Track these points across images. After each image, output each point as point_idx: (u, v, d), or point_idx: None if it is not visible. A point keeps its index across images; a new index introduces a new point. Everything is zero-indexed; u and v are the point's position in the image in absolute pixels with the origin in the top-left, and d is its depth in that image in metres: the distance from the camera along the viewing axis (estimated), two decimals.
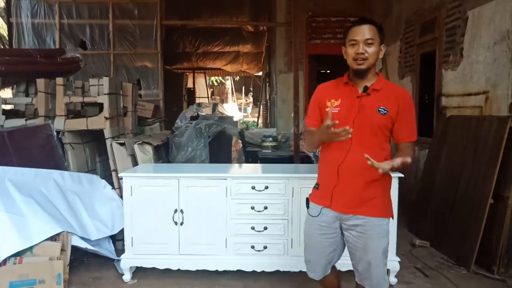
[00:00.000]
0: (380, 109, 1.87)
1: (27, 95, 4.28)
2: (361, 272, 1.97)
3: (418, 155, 4.72)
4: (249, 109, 19.25)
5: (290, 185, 2.92)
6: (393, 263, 2.92)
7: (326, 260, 2.05)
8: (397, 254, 2.94)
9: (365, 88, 1.90)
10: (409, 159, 1.77)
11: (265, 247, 2.95)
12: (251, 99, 19.43)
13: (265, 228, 2.94)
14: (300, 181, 2.93)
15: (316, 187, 2.06)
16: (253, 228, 2.94)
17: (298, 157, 4.31)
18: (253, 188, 2.93)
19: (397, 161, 1.76)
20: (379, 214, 1.91)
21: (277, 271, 2.95)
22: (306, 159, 4.49)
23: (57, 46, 6.05)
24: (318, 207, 2.00)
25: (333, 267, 2.13)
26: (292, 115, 4.62)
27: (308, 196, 2.10)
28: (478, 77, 3.64)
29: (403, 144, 1.92)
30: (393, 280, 2.94)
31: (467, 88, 3.81)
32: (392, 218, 2.00)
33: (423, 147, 4.50)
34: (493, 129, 3.18)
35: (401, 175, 2.90)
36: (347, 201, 1.91)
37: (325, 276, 2.11)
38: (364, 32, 1.87)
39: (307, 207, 2.07)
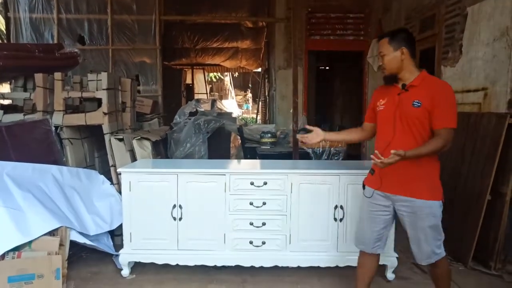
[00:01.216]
0: (414, 102, 2.16)
1: (25, 90, 4.27)
2: (412, 246, 2.27)
3: None
4: (249, 105, 19.21)
5: (288, 181, 2.92)
6: (391, 259, 2.94)
7: (376, 235, 2.35)
8: (395, 250, 2.96)
9: (403, 86, 2.23)
10: (415, 150, 2.07)
11: (264, 243, 2.96)
12: (250, 95, 19.40)
13: (264, 224, 2.95)
14: (298, 177, 2.93)
15: (371, 172, 2.37)
16: (251, 223, 2.95)
17: (297, 153, 4.31)
18: (252, 184, 2.93)
19: (397, 152, 2.02)
20: (424, 197, 2.15)
21: (276, 267, 2.96)
22: (305, 155, 4.49)
23: (55, 41, 6.02)
24: (371, 189, 2.34)
25: (377, 255, 2.43)
26: (291, 111, 4.62)
27: (363, 180, 2.43)
28: (477, 73, 3.64)
29: (435, 130, 2.14)
30: (390, 276, 2.96)
31: (466, 84, 3.81)
32: (441, 200, 2.21)
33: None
34: (491, 126, 3.18)
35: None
36: (393, 183, 2.21)
37: (367, 255, 2.41)
38: (378, 48, 2.34)
39: (363, 189, 2.41)
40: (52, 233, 2.79)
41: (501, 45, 3.30)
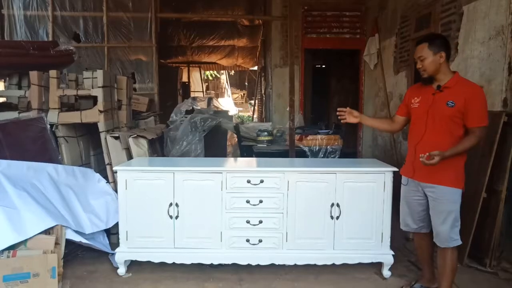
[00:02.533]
0: (448, 102, 2.41)
1: (19, 88, 4.23)
2: (433, 229, 2.54)
3: None
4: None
5: (285, 179, 2.92)
6: (387, 256, 2.95)
7: (417, 217, 2.65)
8: (391, 247, 2.97)
9: (438, 87, 2.48)
10: (452, 150, 2.36)
11: (260, 241, 2.96)
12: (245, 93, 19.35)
13: (260, 222, 2.95)
14: (295, 175, 2.93)
15: (404, 162, 2.72)
16: (248, 221, 2.95)
17: (293, 151, 4.31)
18: (249, 182, 2.93)
19: (433, 153, 2.30)
20: (448, 184, 2.44)
21: (272, 265, 2.97)
22: (301, 153, 4.50)
23: (50, 39, 5.97)
24: (405, 178, 2.68)
25: (429, 234, 2.64)
26: (288, 109, 4.62)
27: (400, 170, 2.75)
28: (472, 72, 3.65)
29: (469, 128, 2.41)
30: (386, 273, 2.97)
31: None
32: (461, 188, 2.47)
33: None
34: None
35: (395, 169, 2.92)
36: (423, 172, 2.50)
37: (418, 233, 2.71)
38: (417, 51, 2.51)
39: (401, 178, 2.73)
40: (47, 231, 2.77)
41: (496, 44, 3.31)
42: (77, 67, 5.52)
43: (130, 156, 3.70)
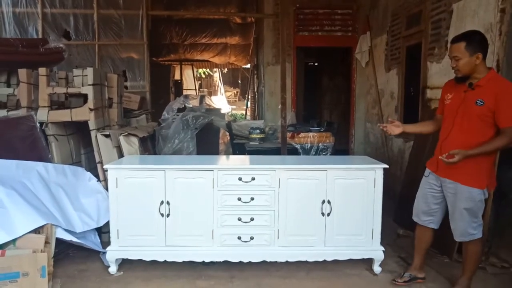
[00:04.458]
0: (478, 101, 2.38)
1: (8, 86, 4.18)
2: (450, 223, 2.60)
3: (403, 147, 4.79)
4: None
5: (276, 176, 2.93)
6: (378, 252, 2.97)
7: (428, 209, 2.71)
8: (382, 243, 2.99)
9: (470, 85, 2.44)
10: (477, 149, 2.36)
11: (252, 238, 2.96)
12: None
13: (252, 219, 2.95)
14: (286, 172, 2.94)
15: (433, 155, 2.72)
16: (239, 219, 2.95)
17: (285, 149, 4.32)
18: (240, 179, 2.93)
19: (454, 152, 2.35)
20: (467, 183, 2.46)
21: (264, 262, 2.98)
22: (293, 151, 4.51)
23: (40, 36, 5.91)
24: (428, 170, 2.72)
25: (434, 231, 2.76)
26: (280, 107, 4.62)
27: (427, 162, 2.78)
28: None
29: (500, 128, 2.36)
30: (377, 269, 3.00)
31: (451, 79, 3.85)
32: (482, 188, 2.47)
33: (408, 138, 4.56)
34: None
35: (386, 166, 2.94)
36: (446, 169, 2.52)
37: (421, 227, 2.78)
38: (452, 50, 2.45)
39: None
40: (37, 230, 2.75)
41: None
42: (68, 65, 5.46)
43: (121, 154, 3.68)
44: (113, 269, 2.97)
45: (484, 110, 2.36)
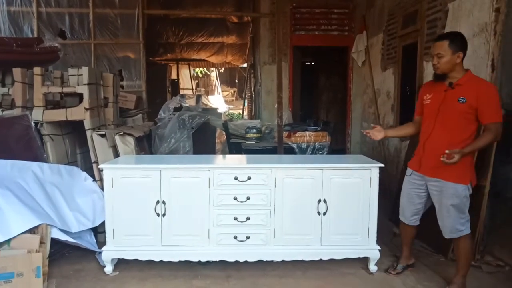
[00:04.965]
0: (460, 99, 2.48)
1: (3, 85, 4.13)
2: (438, 221, 2.66)
3: (400, 147, 4.80)
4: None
5: (272, 176, 2.93)
6: (374, 251, 2.98)
7: (414, 208, 2.80)
8: (378, 242, 3.00)
9: (450, 84, 2.55)
10: (470, 147, 2.45)
11: (248, 237, 2.96)
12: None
13: (248, 219, 2.95)
14: (282, 171, 2.94)
15: (413, 155, 2.81)
16: (235, 218, 2.95)
17: (281, 148, 4.32)
18: (236, 178, 2.92)
19: (453, 151, 2.39)
20: (453, 180, 2.53)
21: (260, 261, 2.98)
22: (289, 150, 4.51)
23: (35, 35, 5.87)
24: (410, 170, 2.80)
25: (417, 226, 2.88)
26: (276, 106, 4.62)
27: (408, 162, 2.85)
28: None
29: (484, 125, 2.48)
30: (373, 268, 3.01)
31: None
32: (468, 184, 2.56)
33: (404, 138, 4.57)
34: None
35: (382, 165, 2.95)
36: (430, 167, 2.61)
37: (407, 225, 2.89)
38: (436, 48, 2.55)
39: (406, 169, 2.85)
40: (32, 230, 2.74)
41: (480, 41, 3.35)
42: (63, 65, 5.43)
43: (116, 154, 3.67)
44: (108, 269, 2.96)
45: (466, 107, 2.47)
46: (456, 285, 2.67)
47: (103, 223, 3.18)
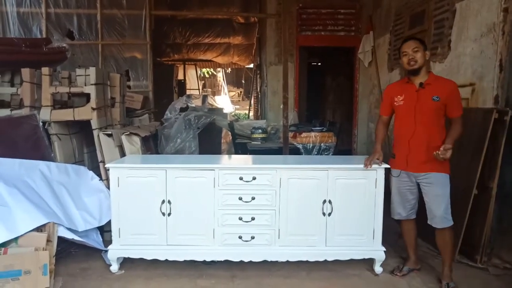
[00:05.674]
0: (434, 97, 2.67)
1: (12, 85, 4.19)
2: (428, 212, 2.76)
3: None
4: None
5: (277, 176, 2.93)
6: (379, 252, 2.97)
7: (408, 204, 2.89)
8: (383, 244, 2.98)
9: (421, 84, 2.73)
10: (451, 139, 2.62)
11: (253, 237, 2.97)
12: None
13: (253, 219, 2.95)
14: (288, 172, 2.94)
15: (393, 156, 2.91)
16: (240, 218, 2.95)
17: (287, 149, 4.32)
18: (241, 179, 2.93)
19: (446, 147, 2.54)
20: (440, 170, 2.70)
21: (265, 261, 2.98)
22: (295, 151, 4.51)
23: (44, 36, 5.93)
24: (397, 171, 2.87)
25: (414, 220, 2.95)
26: (282, 106, 4.62)
27: (389, 164, 2.92)
28: (465, 69, 3.67)
29: (453, 118, 2.71)
30: (378, 269, 2.99)
31: (454, 80, 3.81)
32: (449, 173, 2.74)
33: None
34: (478, 121, 3.22)
35: (387, 166, 2.93)
36: (417, 163, 2.75)
37: (406, 220, 2.94)
38: (411, 44, 2.74)
39: (390, 171, 2.92)
40: (39, 229, 2.76)
41: (488, 41, 3.33)
42: (71, 65, 5.48)
43: (123, 154, 3.70)
44: (114, 267, 2.99)
45: (440, 104, 2.68)
46: (448, 277, 2.77)
47: (109, 222, 3.20)
